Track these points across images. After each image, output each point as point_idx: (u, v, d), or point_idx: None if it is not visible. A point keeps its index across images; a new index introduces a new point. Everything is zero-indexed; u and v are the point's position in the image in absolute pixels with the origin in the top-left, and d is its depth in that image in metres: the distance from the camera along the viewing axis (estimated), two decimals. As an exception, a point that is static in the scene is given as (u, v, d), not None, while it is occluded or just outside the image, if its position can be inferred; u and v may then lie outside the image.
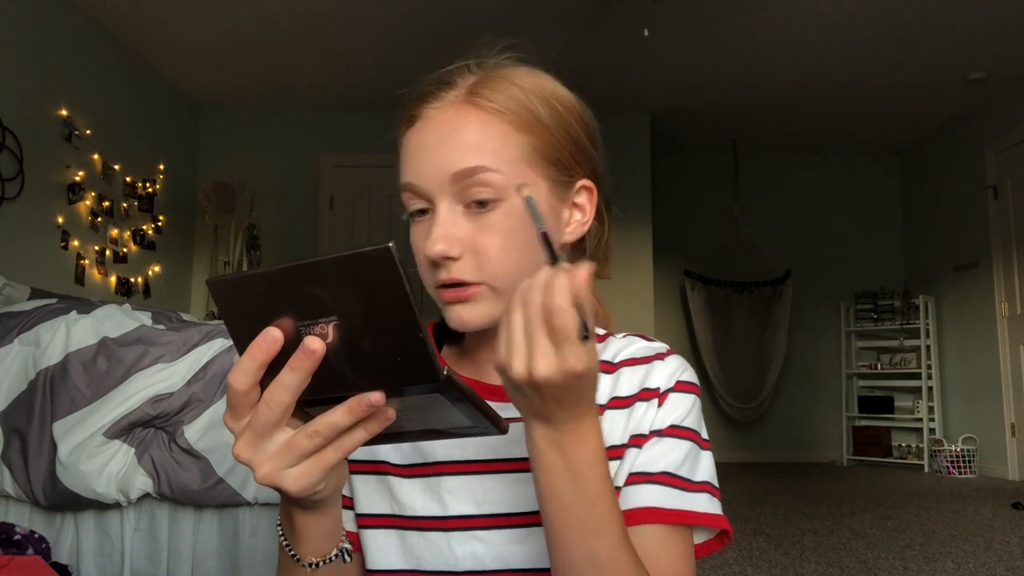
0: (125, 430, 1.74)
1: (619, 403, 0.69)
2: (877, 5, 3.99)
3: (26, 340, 1.88)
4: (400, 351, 0.43)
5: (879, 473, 5.45)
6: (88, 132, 4.00)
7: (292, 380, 0.45)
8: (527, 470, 0.66)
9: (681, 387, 0.69)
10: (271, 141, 5.39)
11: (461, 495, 0.68)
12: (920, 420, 5.76)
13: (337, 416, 0.46)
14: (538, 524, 0.64)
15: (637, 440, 0.67)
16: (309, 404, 0.48)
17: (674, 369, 0.70)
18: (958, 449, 5.26)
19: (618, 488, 0.66)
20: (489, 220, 0.63)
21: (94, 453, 1.71)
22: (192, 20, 4.16)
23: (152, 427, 1.77)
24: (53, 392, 1.77)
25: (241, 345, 0.46)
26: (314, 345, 0.44)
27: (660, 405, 0.68)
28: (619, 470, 0.66)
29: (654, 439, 0.67)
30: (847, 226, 6.48)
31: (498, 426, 0.50)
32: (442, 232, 0.62)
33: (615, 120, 5.44)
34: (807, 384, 6.36)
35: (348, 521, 0.72)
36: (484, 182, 0.63)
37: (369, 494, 0.71)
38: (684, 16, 4.12)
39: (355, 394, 0.45)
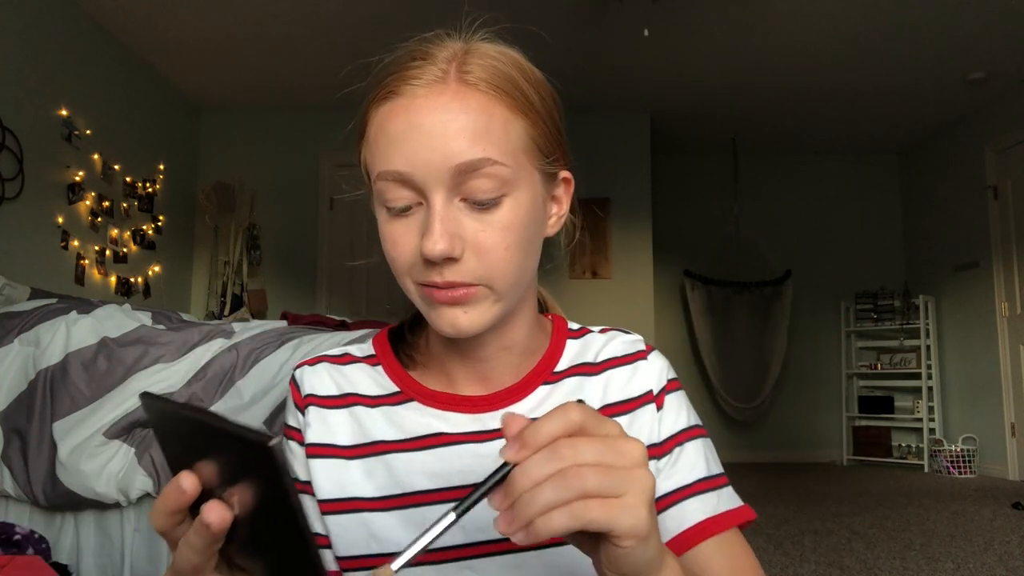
0: (125, 430, 1.74)
1: (615, 410, 0.68)
2: (877, 5, 3.99)
3: (26, 340, 1.88)
4: (292, 565, 0.38)
5: (879, 473, 5.45)
6: (88, 132, 3.99)
7: (195, 543, 0.41)
8: None
9: (673, 386, 0.70)
10: (271, 141, 5.39)
11: None
12: (920, 420, 5.76)
13: None
14: (531, 549, 0.62)
15: (653, 451, 0.67)
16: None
17: (660, 368, 0.70)
18: (958, 449, 5.26)
19: None
20: (492, 216, 0.57)
21: (94, 453, 1.71)
22: (192, 20, 4.16)
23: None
24: (53, 392, 1.77)
25: (171, 465, 0.42)
26: (209, 518, 0.39)
27: (659, 409, 0.68)
28: None
29: (675, 449, 0.67)
30: (847, 226, 6.48)
31: None
32: (444, 229, 0.55)
33: (615, 120, 5.44)
34: (807, 384, 6.36)
35: (330, 563, 0.66)
36: (490, 175, 0.56)
37: (343, 535, 0.64)
38: (684, 16, 4.12)
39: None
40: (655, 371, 0.70)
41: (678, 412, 0.69)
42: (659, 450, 0.67)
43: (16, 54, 3.46)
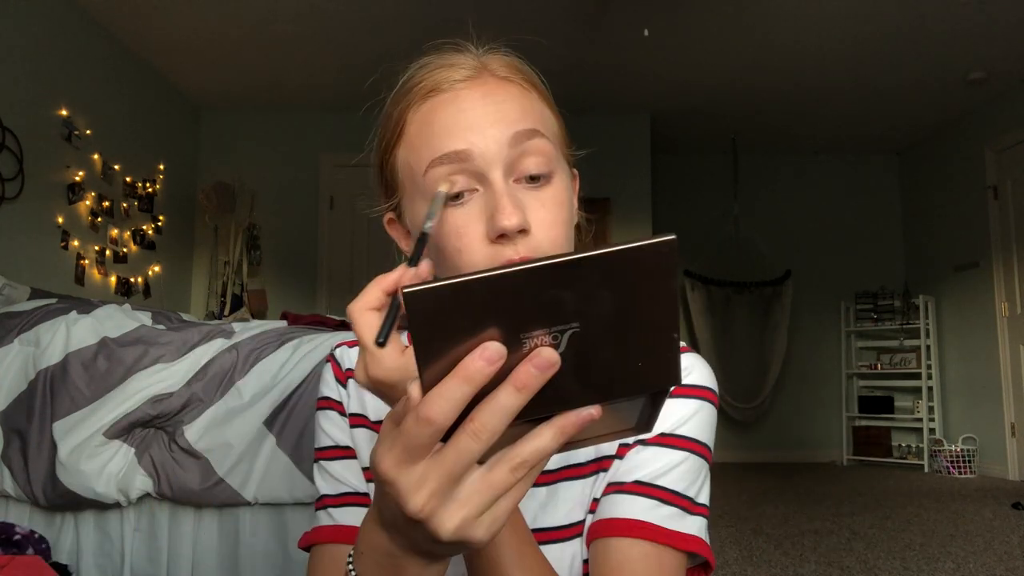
0: (125, 430, 1.74)
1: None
2: (877, 5, 3.99)
3: (26, 340, 1.88)
4: (647, 355, 0.37)
5: (879, 473, 5.45)
6: (88, 132, 3.99)
7: (514, 402, 0.36)
8: (536, 484, 0.66)
9: (681, 391, 0.66)
10: (271, 141, 5.39)
11: None
12: (920, 420, 5.76)
13: (546, 440, 0.37)
14: (558, 540, 0.64)
15: (620, 450, 0.66)
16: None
17: (705, 373, 0.69)
18: (958, 449, 5.26)
19: (596, 500, 0.66)
20: (545, 193, 0.60)
21: (94, 453, 1.71)
22: (192, 20, 4.16)
23: (152, 427, 1.77)
24: (53, 392, 1.77)
25: (433, 369, 0.37)
26: (552, 356, 0.36)
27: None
28: (599, 482, 0.66)
29: (637, 448, 0.65)
30: (847, 226, 6.48)
31: (651, 424, 0.44)
32: (514, 203, 0.57)
33: (615, 120, 5.44)
34: (807, 384, 6.36)
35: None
36: (540, 150, 0.59)
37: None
38: (684, 16, 4.12)
39: (557, 412, 0.38)
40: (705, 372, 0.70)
41: (668, 417, 0.68)
42: (624, 449, 0.66)
43: (16, 54, 3.46)
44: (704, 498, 0.65)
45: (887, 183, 6.54)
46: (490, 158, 0.58)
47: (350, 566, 0.47)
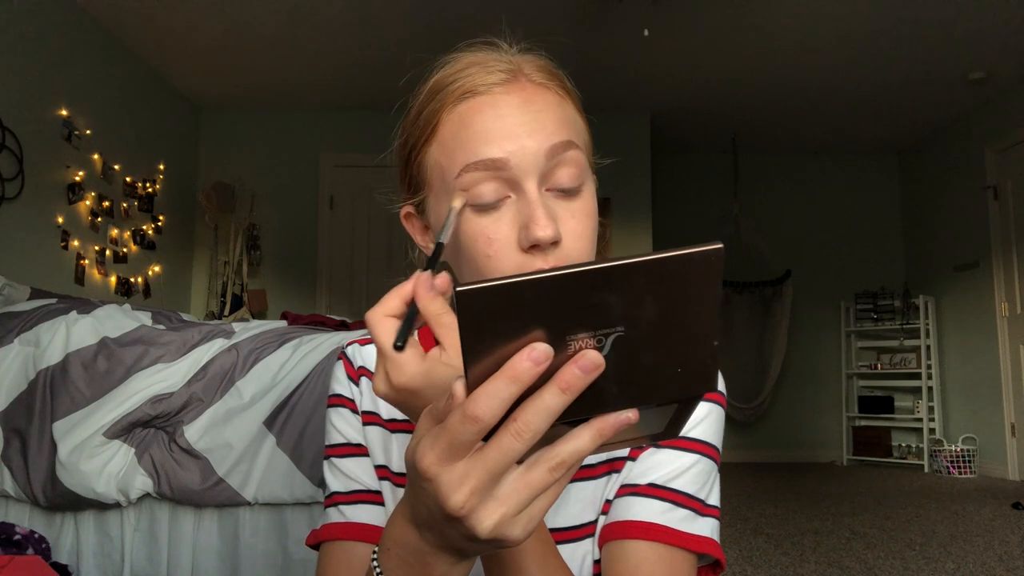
0: (125, 430, 1.74)
1: None
2: (877, 5, 3.99)
3: (26, 340, 1.88)
4: (686, 361, 0.38)
5: (879, 473, 5.45)
6: (88, 132, 3.99)
7: (558, 403, 0.36)
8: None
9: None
10: (271, 141, 5.39)
11: None
12: (920, 420, 5.76)
13: (584, 441, 0.38)
14: (569, 540, 0.65)
15: (633, 452, 0.66)
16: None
17: None
18: (958, 449, 5.26)
19: (608, 501, 0.66)
20: (576, 204, 0.60)
21: (94, 453, 1.71)
22: (192, 20, 4.16)
23: (152, 427, 1.77)
24: (53, 392, 1.77)
25: (478, 368, 0.37)
26: (597, 359, 0.36)
27: None
28: (611, 483, 0.66)
29: (650, 450, 0.65)
30: (847, 226, 6.48)
31: (677, 430, 0.44)
32: (548, 214, 0.57)
33: (615, 120, 5.44)
34: (807, 384, 6.36)
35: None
36: (574, 161, 0.60)
37: (388, 503, 0.70)
38: (684, 16, 4.12)
39: (593, 415, 0.38)
40: None
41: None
42: (637, 451, 0.67)
43: (16, 54, 3.46)
44: (714, 499, 0.66)
45: (887, 183, 6.54)
46: (526, 168, 0.58)
47: (375, 562, 0.48)
